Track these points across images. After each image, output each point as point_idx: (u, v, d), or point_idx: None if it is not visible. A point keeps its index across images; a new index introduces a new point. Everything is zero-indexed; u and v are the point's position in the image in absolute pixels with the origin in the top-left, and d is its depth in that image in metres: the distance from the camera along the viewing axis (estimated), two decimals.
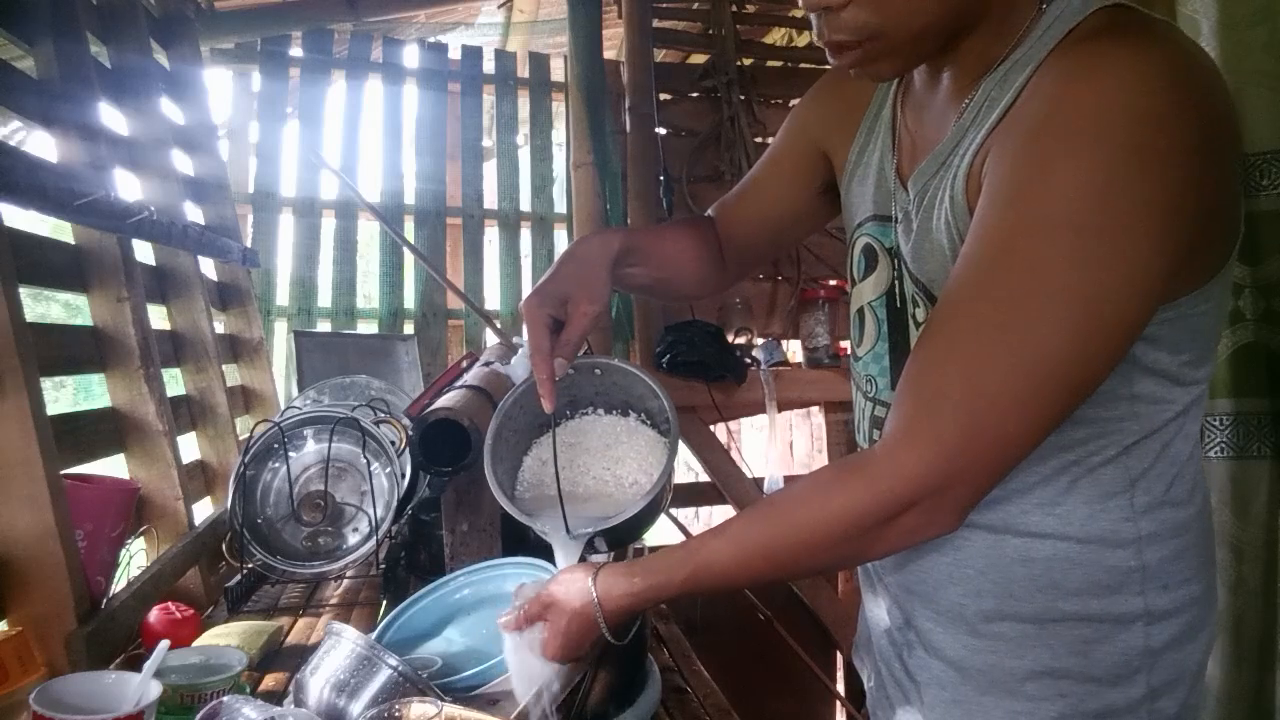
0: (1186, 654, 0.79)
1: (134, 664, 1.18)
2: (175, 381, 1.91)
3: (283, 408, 2.20)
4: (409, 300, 3.35)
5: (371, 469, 1.65)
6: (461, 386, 1.49)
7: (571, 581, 0.85)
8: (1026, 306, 0.65)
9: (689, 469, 5.22)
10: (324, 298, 3.25)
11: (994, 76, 0.74)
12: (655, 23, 3.52)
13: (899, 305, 0.85)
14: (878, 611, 0.93)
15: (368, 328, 3.31)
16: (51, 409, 1.21)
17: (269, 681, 1.21)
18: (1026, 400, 0.65)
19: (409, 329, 3.28)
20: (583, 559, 0.96)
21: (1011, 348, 0.65)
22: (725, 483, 3.07)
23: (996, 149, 0.70)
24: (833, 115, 0.96)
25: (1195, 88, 0.64)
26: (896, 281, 0.85)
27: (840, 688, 3.01)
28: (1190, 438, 0.79)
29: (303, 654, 1.18)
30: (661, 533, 3.33)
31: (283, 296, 3.21)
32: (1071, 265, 0.64)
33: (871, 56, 0.72)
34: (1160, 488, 0.77)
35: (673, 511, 3.21)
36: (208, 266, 2.27)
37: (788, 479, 3.13)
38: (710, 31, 3.59)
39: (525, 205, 3.59)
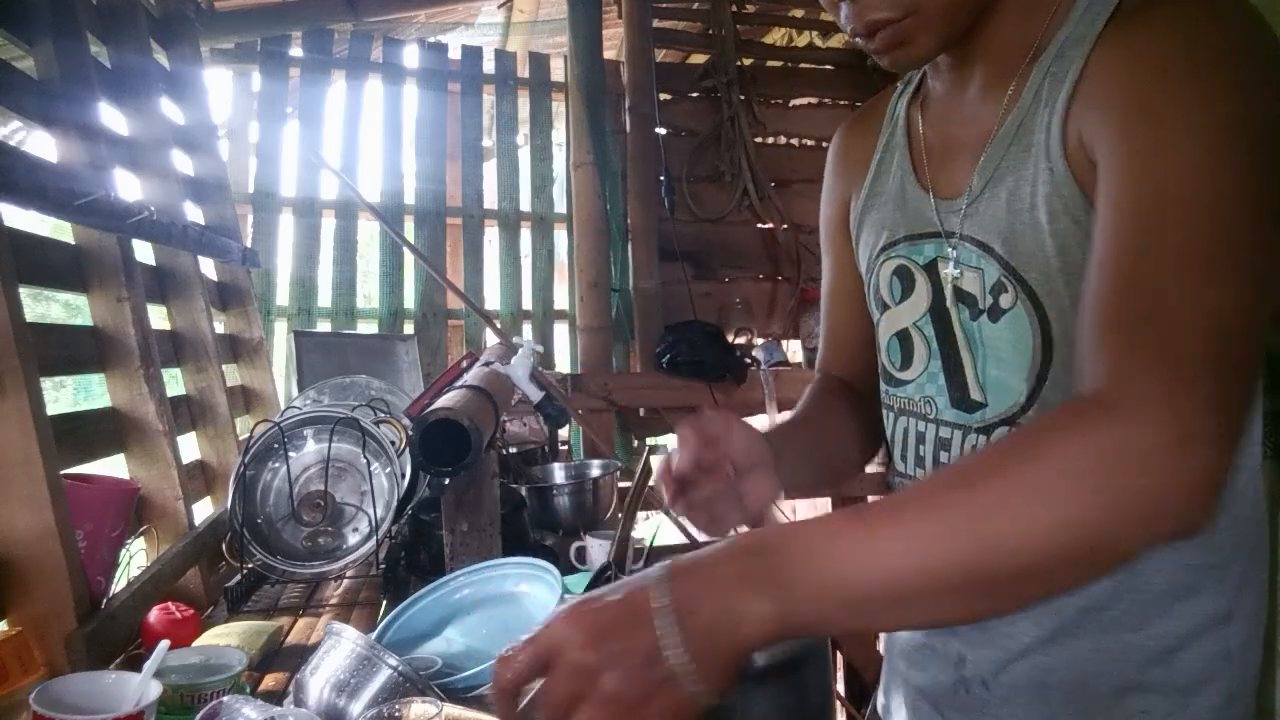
0: (1254, 657, 0.77)
1: (134, 664, 1.18)
2: (175, 381, 1.91)
3: (283, 408, 2.20)
4: (409, 300, 3.35)
5: (371, 469, 1.65)
6: (461, 386, 1.49)
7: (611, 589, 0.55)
8: (1231, 220, 0.58)
9: None
10: (324, 298, 3.25)
11: (1048, 54, 0.72)
12: (655, 23, 3.53)
13: (943, 317, 0.81)
14: (935, 647, 0.85)
15: (368, 328, 3.31)
16: (51, 409, 1.21)
17: (269, 681, 1.21)
18: (1254, 317, 0.57)
19: (409, 329, 3.28)
20: None
21: (1230, 258, 0.57)
22: None
23: (1095, 110, 0.67)
24: (845, 171, 0.95)
25: (1266, 27, 0.64)
26: (938, 292, 0.81)
27: (840, 688, 3.01)
28: (1255, 427, 0.76)
29: (303, 654, 1.18)
30: (664, 532, 3.32)
31: (283, 296, 3.21)
32: (1257, 177, 0.59)
33: (907, 34, 0.71)
34: (1239, 481, 0.74)
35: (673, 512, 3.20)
36: (208, 266, 2.27)
37: None
38: (710, 31, 3.59)
39: (525, 205, 3.59)
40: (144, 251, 1.83)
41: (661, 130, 3.46)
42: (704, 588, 0.52)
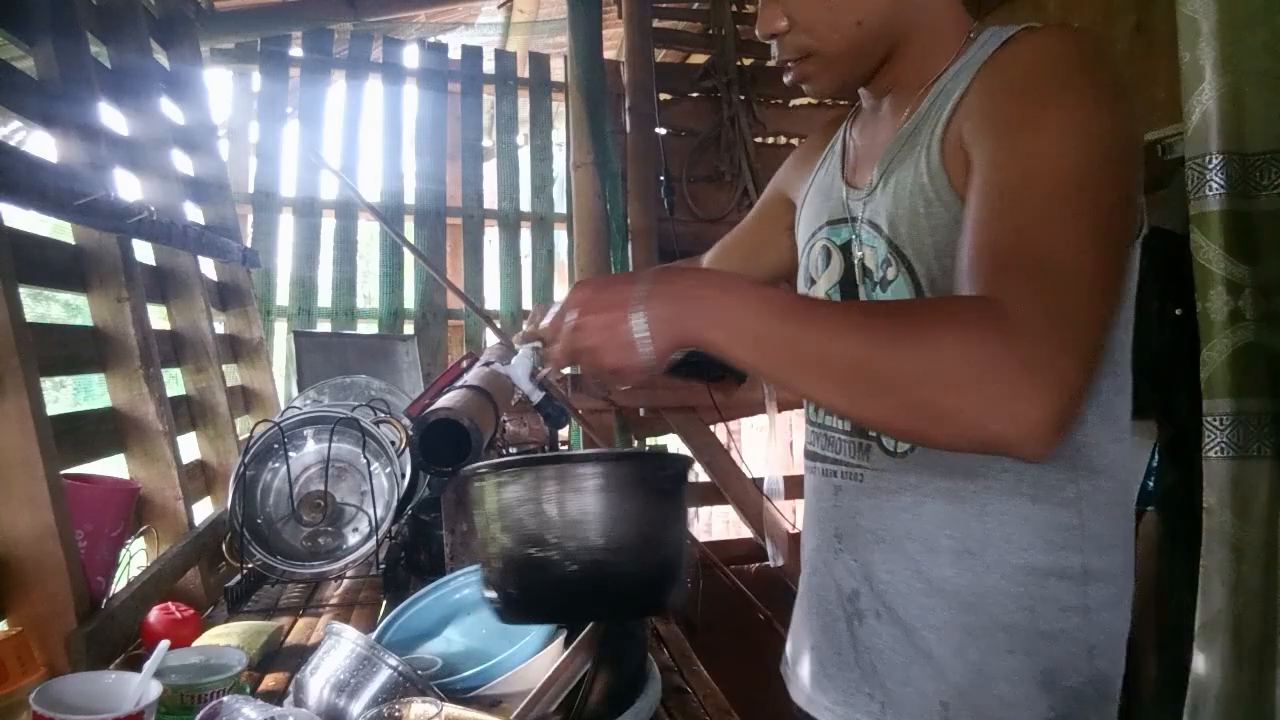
0: (1117, 619, 0.86)
1: (134, 664, 1.18)
2: (175, 381, 1.91)
3: (283, 408, 2.20)
4: (409, 300, 3.35)
5: (371, 469, 1.65)
6: (461, 386, 1.49)
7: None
8: (1091, 199, 0.71)
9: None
10: (324, 298, 3.25)
11: (944, 78, 0.88)
12: (655, 23, 3.52)
13: (851, 289, 0.96)
14: (829, 582, 0.97)
15: (368, 328, 3.31)
16: (51, 409, 1.21)
17: (269, 681, 1.21)
18: (1102, 277, 0.70)
19: (409, 329, 3.28)
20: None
21: (1094, 229, 0.70)
22: (725, 482, 3.07)
23: (972, 119, 0.82)
24: (798, 169, 1.15)
25: (1107, 51, 0.80)
26: (849, 268, 0.96)
27: None
28: (1124, 416, 0.87)
29: (303, 654, 1.18)
30: None
31: (283, 296, 3.21)
32: (1088, 165, 0.72)
33: (810, 71, 0.91)
34: (1099, 456, 0.85)
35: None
36: (208, 266, 2.27)
37: (788, 479, 3.13)
38: (710, 31, 3.59)
39: (525, 205, 3.59)
40: (144, 251, 1.83)
41: (661, 130, 3.46)
42: (671, 295, 0.71)
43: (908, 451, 0.88)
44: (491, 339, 3.21)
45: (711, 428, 3.27)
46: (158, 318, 1.84)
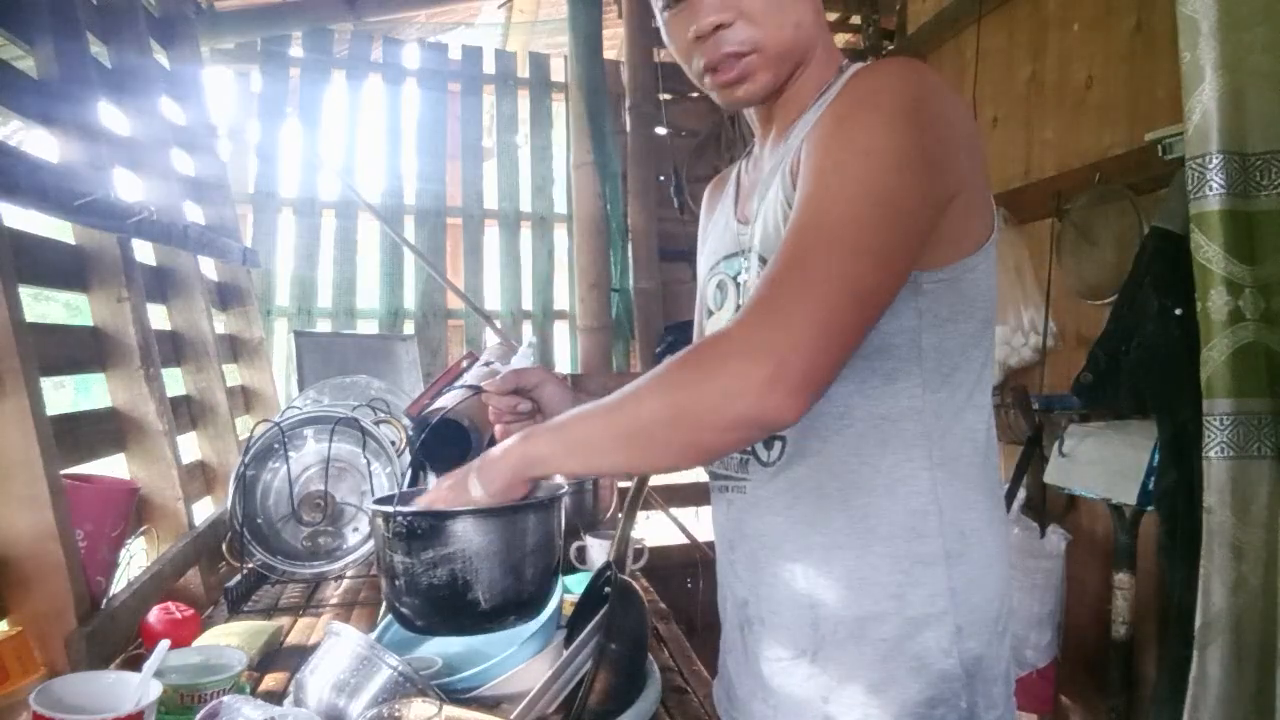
0: (986, 600, 0.89)
1: (134, 664, 1.18)
2: (175, 381, 1.91)
3: (283, 408, 2.20)
4: (409, 300, 3.35)
5: (371, 469, 1.65)
6: (461, 386, 1.49)
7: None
8: (842, 220, 0.78)
9: None
10: (324, 298, 3.25)
11: (809, 113, 0.93)
12: (655, 22, 3.52)
13: None
14: (728, 594, 1.02)
15: (368, 328, 3.31)
16: (51, 409, 1.21)
17: (269, 681, 1.21)
18: (851, 292, 0.76)
19: (409, 329, 3.28)
20: None
21: (835, 252, 0.77)
22: None
23: (808, 137, 0.87)
24: (706, 217, 1.17)
25: (937, 88, 0.83)
26: (741, 300, 1.01)
27: None
28: (982, 409, 0.91)
29: (303, 654, 1.18)
30: (664, 532, 3.32)
31: (283, 296, 3.21)
32: (872, 189, 0.78)
33: (752, 69, 0.91)
34: (954, 445, 0.88)
35: (673, 511, 3.21)
36: (208, 266, 2.27)
37: None
38: None
39: (525, 205, 3.59)
40: (144, 251, 1.83)
41: (662, 130, 3.46)
42: (491, 463, 0.90)
43: (777, 459, 0.92)
44: (491, 339, 3.21)
45: None
46: (158, 318, 1.84)
